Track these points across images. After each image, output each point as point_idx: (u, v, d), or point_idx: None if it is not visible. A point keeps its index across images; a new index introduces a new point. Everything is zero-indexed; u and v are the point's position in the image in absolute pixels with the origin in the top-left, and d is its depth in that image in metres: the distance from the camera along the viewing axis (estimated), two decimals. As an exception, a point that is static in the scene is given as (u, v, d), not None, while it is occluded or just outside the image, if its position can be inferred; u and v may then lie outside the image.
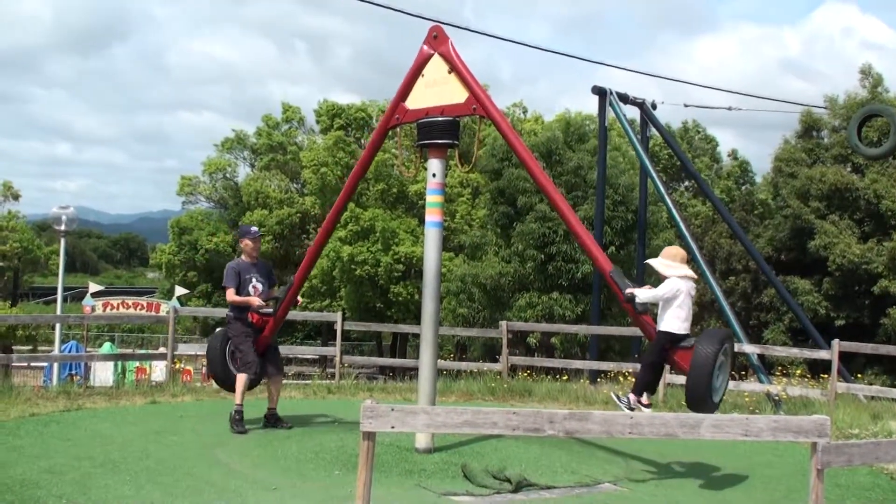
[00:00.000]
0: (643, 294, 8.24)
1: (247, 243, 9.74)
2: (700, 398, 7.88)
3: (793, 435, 5.46)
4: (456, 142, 8.97)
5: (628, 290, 8.24)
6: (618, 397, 8.69)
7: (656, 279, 8.58)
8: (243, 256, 9.78)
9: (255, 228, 9.97)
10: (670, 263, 8.37)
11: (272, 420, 9.87)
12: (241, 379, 9.53)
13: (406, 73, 9.17)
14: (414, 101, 9.10)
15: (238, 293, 9.52)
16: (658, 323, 8.30)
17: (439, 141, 8.92)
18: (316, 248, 10.13)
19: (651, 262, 8.65)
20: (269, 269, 10.00)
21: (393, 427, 5.19)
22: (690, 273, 8.34)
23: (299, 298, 10.03)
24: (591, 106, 38.30)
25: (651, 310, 8.50)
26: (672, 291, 8.15)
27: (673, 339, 8.18)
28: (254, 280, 9.59)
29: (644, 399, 8.52)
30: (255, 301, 9.49)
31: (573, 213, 8.86)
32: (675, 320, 8.16)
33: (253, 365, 9.50)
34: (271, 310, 9.63)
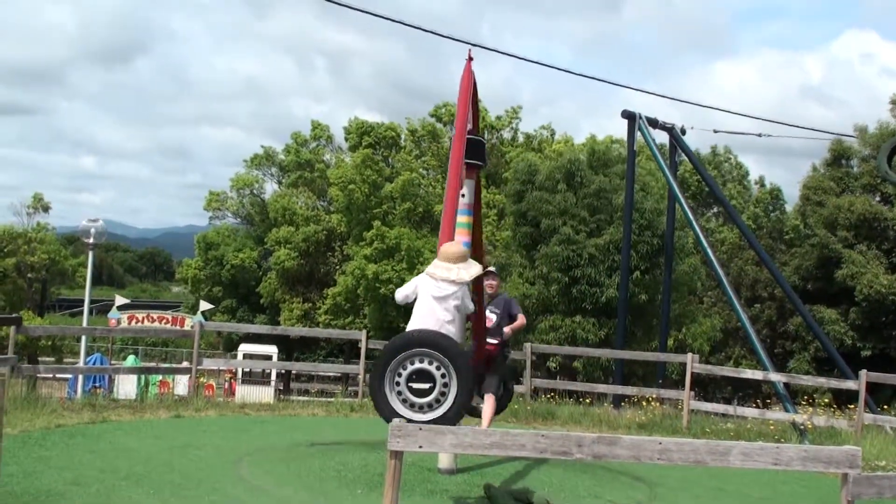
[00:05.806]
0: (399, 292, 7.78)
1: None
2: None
3: (823, 465, 5.40)
4: (479, 162, 9.01)
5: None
6: None
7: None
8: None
9: (489, 268, 10.49)
10: (436, 261, 7.59)
11: None
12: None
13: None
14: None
15: None
16: None
17: (466, 160, 8.95)
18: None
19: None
20: (506, 302, 10.15)
21: (421, 447, 5.17)
22: (442, 273, 7.40)
23: (506, 330, 9.87)
24: (613, 129, 38.28)
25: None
26: (410, 289, 7.57)
27: None
28: (487, 311, 9.90)
29: None
30: None
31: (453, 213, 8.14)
32: (412, 321, 7.42)
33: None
34: (496, 339, 9.81)
